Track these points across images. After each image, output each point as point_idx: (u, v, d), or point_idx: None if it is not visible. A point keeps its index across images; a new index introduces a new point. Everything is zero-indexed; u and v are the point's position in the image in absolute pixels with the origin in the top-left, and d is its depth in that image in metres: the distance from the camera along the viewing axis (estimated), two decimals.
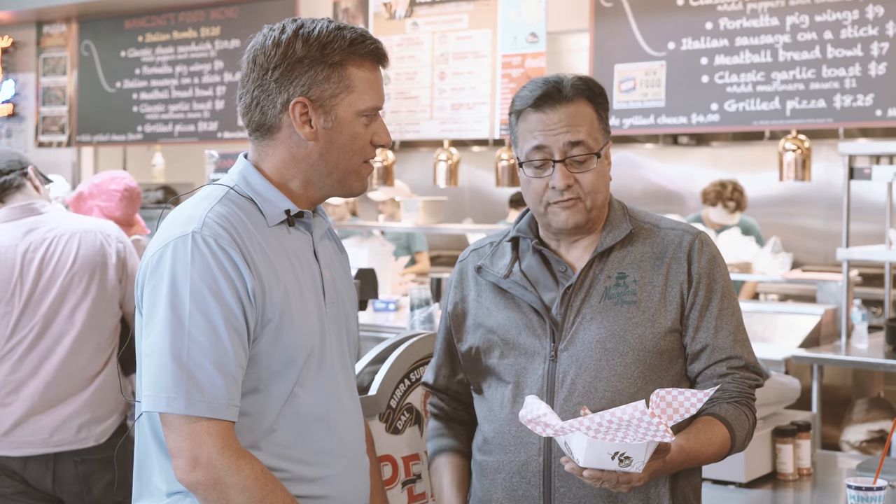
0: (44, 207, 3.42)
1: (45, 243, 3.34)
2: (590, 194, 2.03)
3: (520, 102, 2.06)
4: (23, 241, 3.34)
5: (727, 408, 2.05)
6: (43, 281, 3.32)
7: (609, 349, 2.01)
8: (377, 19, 6.47)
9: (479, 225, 7.96)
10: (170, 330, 1.72)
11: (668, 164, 8.54)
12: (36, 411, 3.30)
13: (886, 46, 5.12)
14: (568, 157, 2.02)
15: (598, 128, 2.06)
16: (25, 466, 3.29)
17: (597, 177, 2.04)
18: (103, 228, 3.42)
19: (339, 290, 1.96)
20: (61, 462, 3.30)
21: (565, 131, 2.01)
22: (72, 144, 8.15)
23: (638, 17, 5.75)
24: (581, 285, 2.05)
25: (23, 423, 3.30)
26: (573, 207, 2.03)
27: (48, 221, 3.39)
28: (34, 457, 3.29)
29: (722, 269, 2.10)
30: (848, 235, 5.19)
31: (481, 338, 2.12)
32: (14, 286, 3.32)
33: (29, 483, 3.32)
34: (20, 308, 3.32)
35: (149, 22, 7.71)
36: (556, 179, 2.01)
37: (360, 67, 1.86)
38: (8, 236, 3.36)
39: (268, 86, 1.85)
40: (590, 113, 2.05)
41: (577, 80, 2.06)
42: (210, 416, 1.70)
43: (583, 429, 1.76)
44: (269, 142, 1.88)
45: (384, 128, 1.92)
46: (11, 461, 3.31)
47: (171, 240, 1.77)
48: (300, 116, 1.84)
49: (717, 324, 2.05)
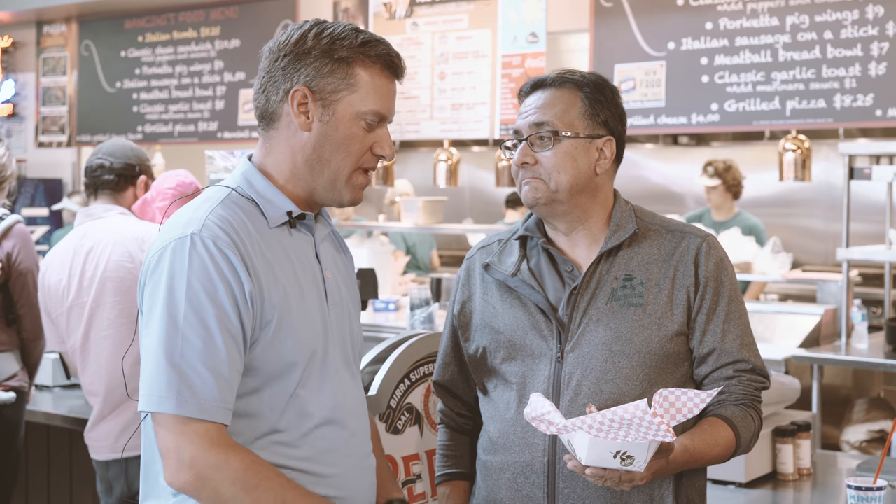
0: (106, 213, 3.46)
1: (87, 250, 3.40)
2: (551, 174, 2.05)
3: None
4: (79, 244, 3.43)
5: (733, 409, 2.05)
6: (84, 286, 3.38)
7: (615, 351, 2.01)
8: (377, 19, 6.47)
9: (479, 225, 7.97)
10: (164, 331, 1.72)
11: (668, 164, 8.54)
12: (104, 416, 3.37)
13: (886, 46, 5.12)
14: (531, 135, 2.06)
15: (579, 114, 2.07)
16: (108, 468, 3.38)
17: (559, 158, 2.05)
18: (144, 234, 3.40)
19: (342, 291, 1.96)
20: (132, 463, 3.34)
21: (534, 112, 2.08)
22: (72, 144, 8.15)
23: (638, 17, 5.75)
24: (587, 286, 2.05)
25: (97, 426, 3.40)
26: (532, 184, 2.07)
27: (100, 228, 3.43)
28: (111, 461, 3.37)
29: (729, 273, 2.10)
30: (848, 235, 5.19)
31: (488, 338, 2.12)
32: (63, 290, 3.42)
33: (111, 484, 3.39)
34: (67, 310, 3.41)
35: (149, 22, 7.71)
36: (516, 156, 2.08)
37: (367, 69, 1.85)
38: (68, 242, 3.47)
39: (275, 73, 1.85)
40: (572, 98, 2.08)
41: (576, 72, 2.11)
42: (201, 417, 1.70)
43: (585, 427, 1.76)
44: (272, 132, 1.88)
45: (388, 139, 1.90)
46: (98, 464, 3.42)
47: (171, 241, 1.77)
48: (298, 106, 1.83)
49: (724, 327, 2.06)
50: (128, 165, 3.52)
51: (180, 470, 1.71)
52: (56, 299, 3.45)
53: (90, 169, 3.50)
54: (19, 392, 3.78)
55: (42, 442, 4.48)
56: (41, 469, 4.50)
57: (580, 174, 2.07)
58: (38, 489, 4.50)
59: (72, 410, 4.06)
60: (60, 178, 8.28)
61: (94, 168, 3.48)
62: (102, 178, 3.48)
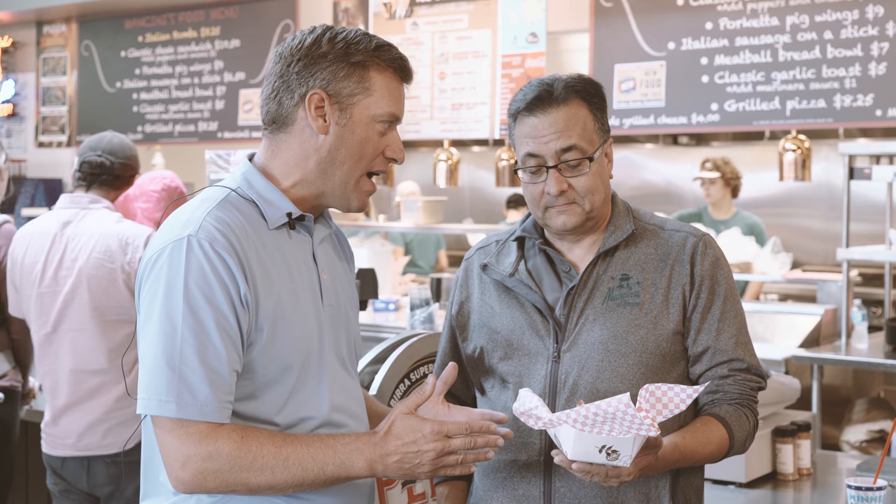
0: (93, 204, 3.45)
1: (68, 239, 3.39)
2: (586, 197, 2.03)
3: (514, 106, 2.08)
4: (60, 231, 3.41)
5: (727, 409, 2.05)
6: (60, 276, 3.38)
7: (611, 350, 2.01)
8: (377, 19, 6.47)
9: (479, 225, 7.97)
10: (163, 333, 1.73)
11: (668, 164, 8.54)
12: (64, 411, 3.37)
13: (886, 46, 5.12)
14: (561, 162, 2.02)
15: (593, 128, 2.05)
16: (63, 465, 3.39)
17: (592, 179, 2.03)
18: (129, 235, 3.38)
19: (339, 292, 1.96)
20: (95, 463, 3.35)
21: (556, 137, 2.02)
22: (72, 144, 8.15)
23: (638, 17, 5.75)
24: (584, 286, 2.05)
25: (57, 421, 3.39)
26: (569, 210, 2.04)
27: (86, 219, 3.42)
28: (69, 457, 3.38)
29: (725, 272, 2.10)
30: (848, 235, 5.19)
31: (485, 338, 2.12)
32: (37, 273, 3.40)
33: (68, 481, 3.40)
34: (37, 295, 3.40)
35: (149, 22, 7.71)
36: (550, 185, 2.02)
37: (382, 73, 1.87)
38: (48, 224, 3.44)
39: (289, 77, 1.85)
40: (584, 114, 2.05)
41: (570, 79, 2.06)
42: (200, 419, 1.72)
43: (570, 421, 1.76)
44: (282, 135, 1.88)
45: (399, 143, 1.93)
46: (53, 459, 3.42)
47: (168, 243, 1.77)
48: (315, 109, 1.84)
49: (718, 326, 2.05)
50: (127, 167, 3.52)
51: (180, 470, 1.73)
52: (28, 279, 3.43)
53: (90, 165, 3.48)
54: (10, 391, 3.77)
55: None
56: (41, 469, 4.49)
57: (606, 188, 2.08)
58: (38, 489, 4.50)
59: None
60: (60, 178, 8.28)
61: (93, 165, 3.48)
62: (101, 177, 3.48)
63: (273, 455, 1.73)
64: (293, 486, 1.75)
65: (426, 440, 1.76)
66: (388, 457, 1.77)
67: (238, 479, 1.73)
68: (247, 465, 1.72)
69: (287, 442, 1.75)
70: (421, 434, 1.77)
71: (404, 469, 1.78)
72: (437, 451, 1.76)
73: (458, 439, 1.78)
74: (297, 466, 1.74)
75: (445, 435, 1.77)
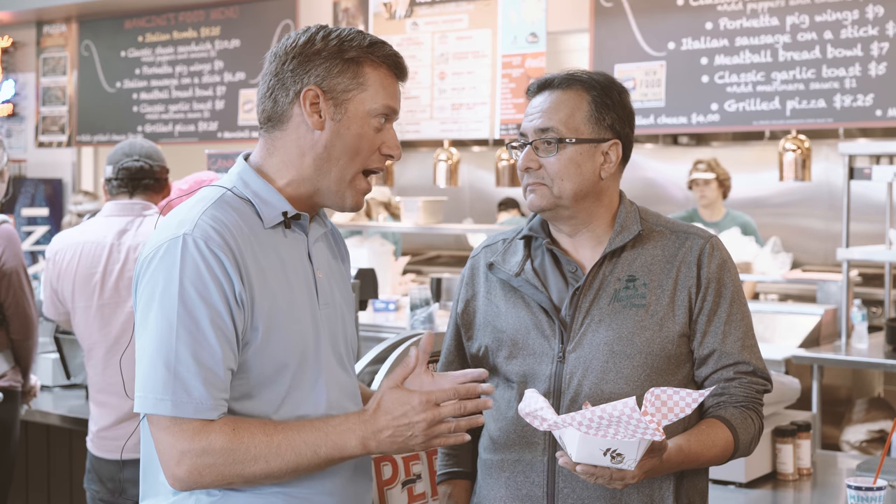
0: (147, 211, 3.43)
1: (132, 249, 3.35)
2: (555, 180, 2.05)
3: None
4: (116, 241, 3.38)
5: (733, 411, 2.05)
6: (122, 286, 3.34)
7: (616, 352, 2.01)
8: (377, 19, 6.47)
9: (479, 225, 7.96)
10: (158, 332, 1.73)
11: (668, 164, 8.54)
12: (129, 416, 3.31)
13: (886, 46, 5.12)
14: (537, 139, 2.06)
15: (585, 119, 2.06)
16: (123, 468, 3.31)
17: (563, 164, 2.04)
18: None
19: (334, 290, 1.96)
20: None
21: (539, 116, 2.07)
22: (72, 144, 8.15)
23: (638, 17, 5.75)
24: (590, 286, 2.05)
25: (120, 425, 3.34)
26: (539, 191, 2.06)
27: (145, 227, 3.39)
28: (128, 460, 3.30)
29: (732, 274, 2.09)
30: (848, 235, 5.19)
31: (490, 337, 2.12)
32: (95, 284, 3.36)
33: (119, 484, 3.34)
34: (97, 307, 3.35)
35: (149, 22, 7.71)
36: (520, 159, 2.08)
37: (376, 69, 1.88)
38: (101, 233, 3.40)
39: (283, 75, 1.86)
40: (578, 103, 2.06)
41: (584, 72, 2.11)
42: (196, 417, 1.72)
43: (575, 424, 1.76)
44: (278, 133, 1.88)
45: (395, 139, 1.93)
46: (107, 464, 3.35)
47: (164, 242, 1.77)
48: (310, 105, 1.84)
49: (725, 329, 2.05)
50: (164, 169, 3.52)
51: (176, 467, 1.73)
52: (84, 291, 3.37)
53: (129, 171, 3.43)
54: (9, 392, 3.77)
55: (42, 442, 4.48)
56: (41, 469, 4.50)
57: (584, 180, 2.06)
58: (38, 489, 4.50)
59: (71, 410, 4.07)
60: (60, 179, 8.28)
61: (134, 170, 3.43)
62: (143, 182, 3.45)
63: (265, 444, 1.74)
64: (289, 472, 1.76)
65: (416, 411, 1.77)
66: (380, 432, 1.77)
67: (233, 471, 1.73)
68: (240, 457, 1.73)
69: (278, 430, 1.76)
70: (410, 406, 1.77)
71: (398, 443, 1.78)
72: (428, 421, 1.77)
73: (448, 406, 1.78)
74: (290, 452, 1.75)
75: (434, 403, 1.77)
